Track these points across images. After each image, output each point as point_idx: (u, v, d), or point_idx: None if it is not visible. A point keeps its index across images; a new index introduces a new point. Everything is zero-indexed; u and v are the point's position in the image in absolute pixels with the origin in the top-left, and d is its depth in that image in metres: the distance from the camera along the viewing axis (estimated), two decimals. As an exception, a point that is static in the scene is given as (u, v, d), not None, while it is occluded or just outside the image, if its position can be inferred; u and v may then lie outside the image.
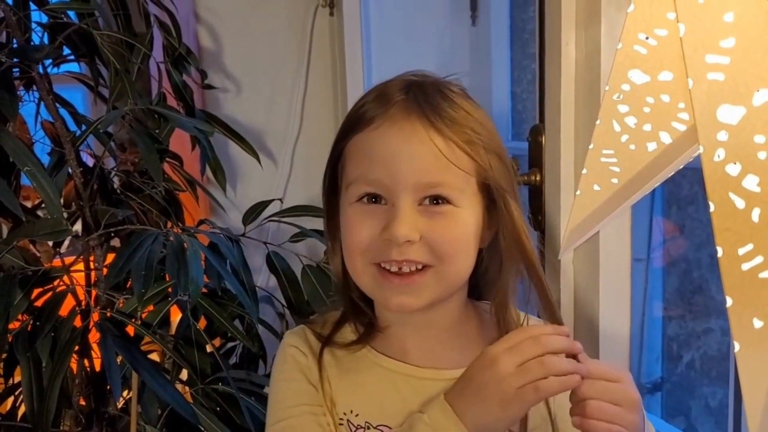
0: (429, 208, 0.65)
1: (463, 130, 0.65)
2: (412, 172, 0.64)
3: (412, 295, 0.66)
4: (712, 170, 0.48)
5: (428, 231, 0.64)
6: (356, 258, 0.67)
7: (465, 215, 0.66)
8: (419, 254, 0.64)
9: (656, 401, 1.83)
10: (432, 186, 0.64)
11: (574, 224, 0.64)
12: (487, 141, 0.66)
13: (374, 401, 0.70)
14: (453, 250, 0.65)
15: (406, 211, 0.64)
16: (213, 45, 1.67)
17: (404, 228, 0.63)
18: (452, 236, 0.65)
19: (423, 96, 0.66)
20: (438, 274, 0.65)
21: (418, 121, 0.64)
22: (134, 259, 0.99)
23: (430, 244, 0.64)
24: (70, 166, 1.14)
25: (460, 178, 0.65)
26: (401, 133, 0.64)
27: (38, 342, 1.02)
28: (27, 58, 1.11)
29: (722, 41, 0.47)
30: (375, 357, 0.72)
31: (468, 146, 0.65)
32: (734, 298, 0.48)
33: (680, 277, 1.82)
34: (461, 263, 0.67)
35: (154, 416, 1.11)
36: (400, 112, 0.65)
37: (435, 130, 0.64)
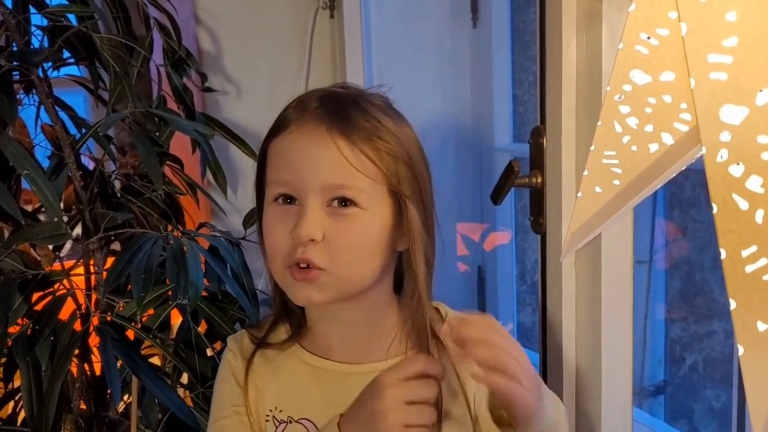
0: (336, 210, 0.68)
1: (369, 138, 0.68)
2: (317, 174, 0.68)
3: (314, 290, 0.69)
4: (715, 171, 0.47)
5: (332, 231, 0.67)
6: (274, 259, 0.71)
7: (370, 218, 0.69)
8: (317, 256, 0.67)
9: (659, 404, 1.83)
10: (337, 188, 0.68)
11: (576, 227, 0.64)
12: (395, 149, 0.70)
13: (297, 396, 0.75)
14: (351, 255, 0.69)
15: (313, 211, 0.67)
16: (213, 48, 1.67)
17: (307, 228, 0.67)
18: (354, 239, 0.68)
19: (335, 106, 0.70)
20: (333, 277, 0.68)
21: (325, 128, 0.68)
22: (134, 262, 0.98)
23: (331, 245, 0.67)
24: (69, 169, 1.13)
25: (366, 182, 0.68)
26: (310, 139, 0.68)
27: (38, 346, 1.01)
28: (26, 62, 1.11)
29: (724, 40, 0.47)
30: (301, 354, 0.76)
31: (373, 153, 0.68)
32: (738, 300, 0.47)
33: (683, 279, 1.82)
34: (359, 267, 0.70)
35: (154, 420, 1.11)
36: (311, 119, 0.69)
37: (341, 136, 0.68)
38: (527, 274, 1.93)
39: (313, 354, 0.76)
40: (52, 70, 1.23)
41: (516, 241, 1.87)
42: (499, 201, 1.05)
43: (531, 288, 1.92)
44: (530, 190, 1.03)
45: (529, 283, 1.93)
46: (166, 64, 1.33)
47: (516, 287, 1.90)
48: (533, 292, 1.76)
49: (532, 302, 1.92)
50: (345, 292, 0.70)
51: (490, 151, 1.81)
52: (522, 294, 1.94)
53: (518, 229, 1.86)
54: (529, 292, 1.94)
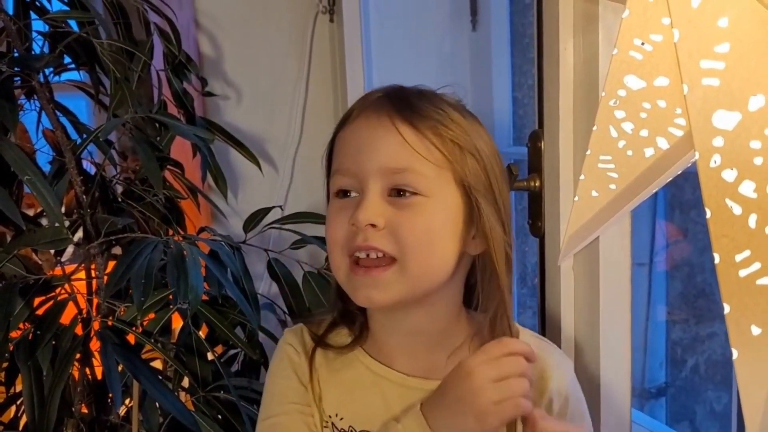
0: (397, 200, 0.65)
1: (433, 124, 0.66)
2: (376, 158, 0.65)
3: (377, 289, 0.65)
4: (708, 176, 0.48)
5: (394, 220, 0.64)
6: (334, 252, 0.67)
7: (434, 206, 0.65)
8: (382, 242, 0.64)
9: (660, 406, 1.83)
10: (397, 171, 0.65)
11: (573, 230, 0.64)
12: (462, 139, 0.66)
13: (359, 406, 0.71)
14: (418, 242, 0.64)
15: (372, 197, 0.65)
16: (213, 52, 1.68)
17: (366, 212, 0.64)
18: (418, 227, 0.64)
19: (397, 95, 0.68)
20: (402, 269, 0.65)
21: (385, 113, 0.66)
22: (134, 267, 0.99)
23: (395, 234, 0.64)
24: (70, 174, 1.14)
25: (429, 167, 0.65)
26: (368, 123, 0.67)
27: (39, 351, 1.02)
28: (27, 67, 1.12)
29: (717, 46, 0.47)
30: (365, 359, 0.72)
31: (436, 138, 0.65)
32: (732, 304, 0.48)
33: (684, 281, 1.81)
34: (427, 258, 0.65)
35: (155, 424, 1.11)
36: (373, 107, 0.67)
37: (402, 120, 0.65)
38: (527, 276, 1.93)
39: (379, 362, 0.71)
40: (53, 75, 1.23)
41: (516, 245, 1.87)
42: (497, 204, 1.05)
43: (531, 291, 1.92)
44: (528, 194, 1.03)
45: (530, 286, 1.93)
46: (166, 69, 1.33)
47: (516, 290, 1.90)
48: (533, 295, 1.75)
49: (533, 305, 1.92)
50: (412, 290, 0.66)
51: (490, 153, 1.81)
52: (522, 297, 1.94)
53: (518, 232, 1.86)
54: (529, 295, 1.94)
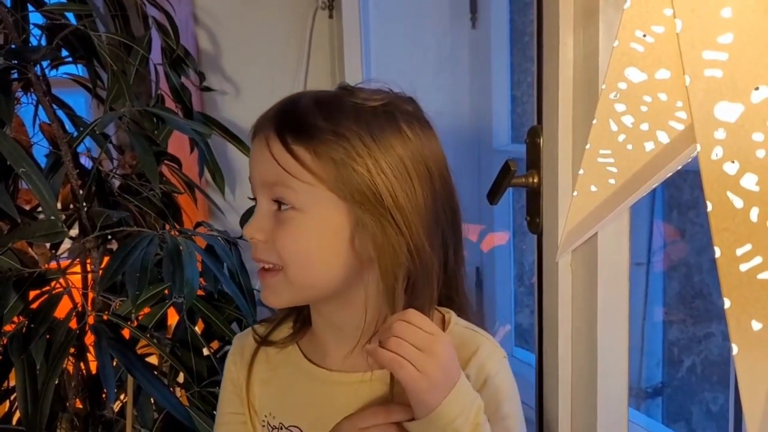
0: (277, 213, 0.68)
1: (310, 140, 0.65)
2: (257, 172, 0.68)
3: (270, 293, 0.70)
4: (710, 169, 0.47)
5: (273, 233, 0.67)
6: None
7: (309, 221, 0.66)
8: (265, 254, 0.68)
9: (657, 406, 1.82)
10: (272, 184, 0.67)
11: (572, 226, 0.64)
12: (345, 155, 0.65)
13: (288, 402, 0.75)
14: (294, 255, 0.67)
15: (259, 210, 0.68)
16: (211, 47, 1.67)
17: (250, 227, 0.68)
18: (292, 241, 0.67)
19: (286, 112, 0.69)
20: (286, 277, 0.68)
21: (265, 130, 0.68)
22: (129, 261, 0.98)
23: (274, 247, 0.67)
24: (66, 168, 1.13)
25: (299, 184, 0.66)
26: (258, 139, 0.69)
27: (33, 344, 1.01)
28: (24, 60, 1.11)
29: (720, 37, 0.47)
30: (297, 359, 0.75)
31: (308, 155, 0.65)
32: (732, 299, 0.47)
33: (681, 281, 1.81)
34: (306, 269, 0.68)
35: (149, 420, 1.10)
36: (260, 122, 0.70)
37: (277, 136, 0.67)
38: (525, 275, 1.93)
39: (309, 360, 0.75)
40: (50, 68, 1.22)
41: (514, 242, 1.87)
42: (495, 201, 1.05)
43: (529, 289, 1.92)
44: (527, 190, 1.03)
45: (527, 285, 1.93)
46: (164, 63, 1.33)
47: (514, 288, 1.90)
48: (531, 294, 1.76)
49: (530, 303, 1.91)
50: (300, 295, 0.70)
51: (488, 151, 1.81)
52: (520, 295, 1.94)
53: (516, 230, 1.86)
54: (526, 294, 1.93)
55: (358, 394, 0.70)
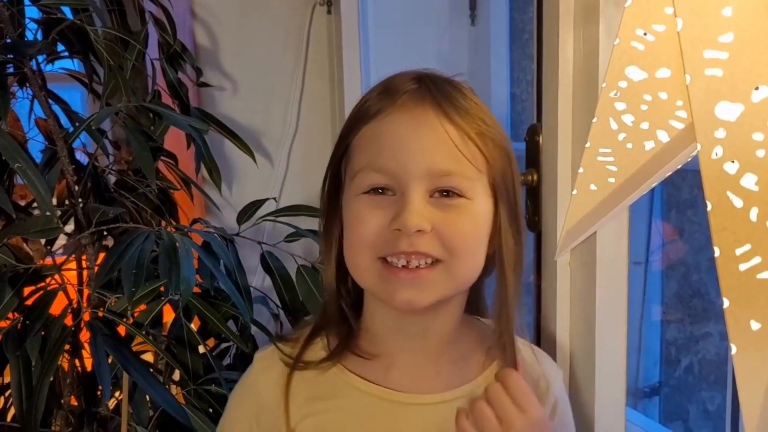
0: (440, 201, 0.62)
1: (475, 122, 0.63)
2: (423, 159, 0.61)
3: (420, 290, 0.62)
4: (710, 168, 0.47)
5: (440, 223, 0.61)
6: (362, 253, 0.63)
7: (477, 209, 0.63)
8: (430, 247, 0.61)
9: (654, 405, 1.82)
10: (444, 174, 0.61)
11: (571, 224, 0.63)
12: (501, 139, 0.65)
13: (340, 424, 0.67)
14: (465, 245, 0.62)
15: (417, 200, 0.61)
16: (209, 42, 1.67)
17: (415, 217, 0.60)
18: (464, 230, 0.62)
19: (435, 86, 0.64)
20: (448, 270, 0.62)
21: (430, 108, 0.62)
22: (125, 257, 0.97)
23: (441, 237, 0.61)
24: (62, 163, 1.13)
25: (473, 171, 0.63)
26: (412, 119, 0.62)
27: (28, 341, 1.00)
28: (20, 54, 1.10)
29: (721, 36, 0.46)
30: (350, 379, 0.68)
31: (479, 139, 0.63)
32: (731, 299, 0.47)
33: (679, 280, 1.81)
34: (471, 260, 0.64)
35: (145, 417, 1.10)
36: (411, 99, 0.62)
37: (447, 118, 0.62)
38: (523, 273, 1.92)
39: (365, 379, 0.67)
40: (46, 63, 1.22)
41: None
42: (494, 199, 1.04)
43: (526, 288, 1.92)
44: (526, 188, 1.02)
45: (525, 283, 1.92)
46: (161, 59, 1.32)
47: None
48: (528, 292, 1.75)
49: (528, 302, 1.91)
50: (453, 291, 0.64)
51: (487, 150, 1.80)
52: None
53: (514, 229, 1.86)
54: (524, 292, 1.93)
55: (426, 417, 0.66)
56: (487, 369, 0.68)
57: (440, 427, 0.65)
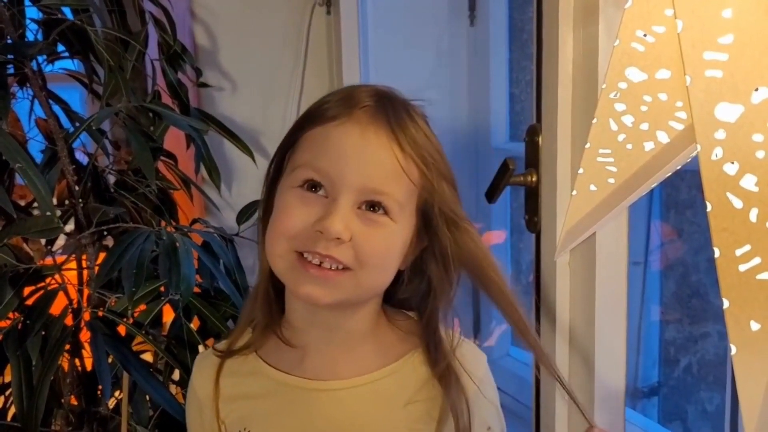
0: (366, 214, 0.65)
1: (421, 151, 0.66)
2: (361, 173, 0.64)
3: (324, 288, 0.65)
4: (710, 169, 0.47)
5: (359, 235, 0.64)
6: (281, 242, 0.66)
7: (397, 231, 0.66)
8: (343, 255, 0.64)
9: (653, 405, 1.83)
10: (376, 193, 0.65)
11: (570, 225, 0.63)
12: (441, 167, 0.68)
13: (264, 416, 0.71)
14: (376, 261, 0.66)
15: (345, 209, 0.64)
16: (209, 43, 1.67)
17: (339, 224, 0.63)
18: (380, 247, 0.66)
19: (392, 108, 0.67)
20: (356, 278, 0.65)
21: (382, 127, 0.65)
22: (125, 257, 0.98)
23: (357, 248, 0.64)
24: (62, 163, 1.13)
25: (405, 194, 0.66)
26: (362, 133, 0.65)
27: (28, 341, 1.01)
28: (20, 54, 1.10)
29: (720, 38, 0.46)
30: (264, 369, 0.72)
31: (424, 167, 0.66)
32: (731, 299, 0.47)
33: (678, 281, 1.81)
34: (380, 276, 0.68)
35: (145, 417, 1.10)
36: (366, 114, 0.66)
37: (396, 142, 0.65)
38: (522, 274, 1.93)
39: (277, 369, 0.71)
40: (47, 63, 1.22)
41: (511, 241, 1.87)
42: (493, 199, 1.04)
43: (526, 288, 1.92)
44: (525, 189, 1.03)
45: (524, 283, 1.92)
46: (161, 59, 1.32)
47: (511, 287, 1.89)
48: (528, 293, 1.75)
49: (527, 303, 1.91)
50: (355, 297, 0.67)
51: (486, 150, 1.80)
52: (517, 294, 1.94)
53: (513, 229, 1.86)
54: (523, 292, 1.93)
55: (340, 402, 0.69)
56: (401, 358, 0.71)
57: (353, 411, 0.69)
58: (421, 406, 0.69)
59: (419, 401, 0.69)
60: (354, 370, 0.70)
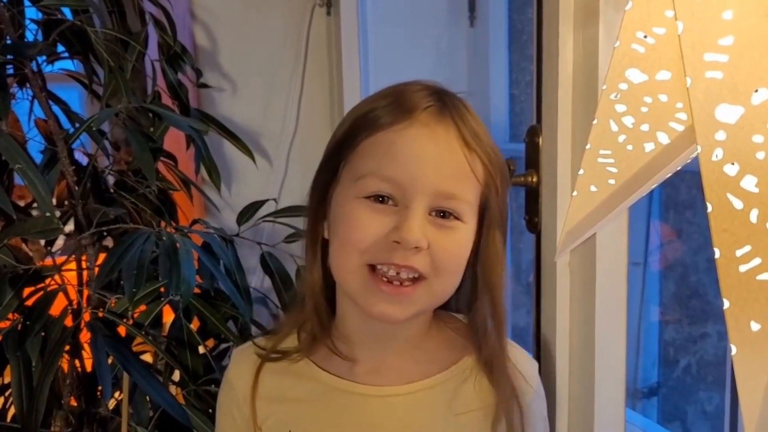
0: (437, 220, 0.63)
1: (485, 148, 0.64)
2: (434, 177, 0.62)
3: (399, 306, 0.63)
4: (710, 170, 0.47)
5: (435, 242, 0.63)
6: (352, 255, 0.63)
7: (468, 233, 0.65)
8: (421, 263, 0.62)
9: (652, 406, 1.83)
10: (449, 197, 0.63)
11: (570, 226, 0.63)
12: (502, 167, 0.67)
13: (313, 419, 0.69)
14: (452, 266, 0.65)
15: (420, 215, 0.62)
16: (209, 44, 1.67)
17: (417, 232, 0.61)
18: (455, 252, 0.64)
19: (454, 106, 0.65)
20: (429, 288, 0.64)
21: (452, 129, 0.63)
22: (125, 258, 0.98)
23: (434, 256, 0.63)
24: (62, 164, 1.13)
25: (474, 193, 0.64)
26: (432, 136, 0.63)
27: (28, 341, 1.00)
28: (20, 55, 1.10)
29: (721, 39, 0.46)
30: (316, 373, 0.70)
31: (490, 167, 0.65)
32: (731, 300, 0.47)
33: (677, 281, 1.81)
34: (453, 279, 0.66)
35: (145, 417, 1.10)
36: (431, 116, 0.63)
37: (464, 142, 0.63)
38: (522, 274, 1.93)
39: (330, 373, 0.70)
40: (47, 64, 1.22)
41: (511, 242, 1.87)
42: (493, 200, 1.04)
43: (525, 288, 1.92)
44: (525, 190, 1.03)
45: (524, 284, 1.93)
46: (161, 60, 1.32)
47: (510, 288, 1.90)
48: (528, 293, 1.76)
49: (527, 303, 1.91)
50: (429, 307, 0.66)
51: (486, 150, 1.80)
52: (517, 295, 1.94)
53: (513, 230, 1.86)
54: (523, 293, 1.93)
55: (393, 409, 0.67)
56: (454, 365, 0.70)
57: (405, 419, 0.67)
58: (474, 415, 0.68)
59: (473, 410, 0.68)
60: (407, 376, 0.69)
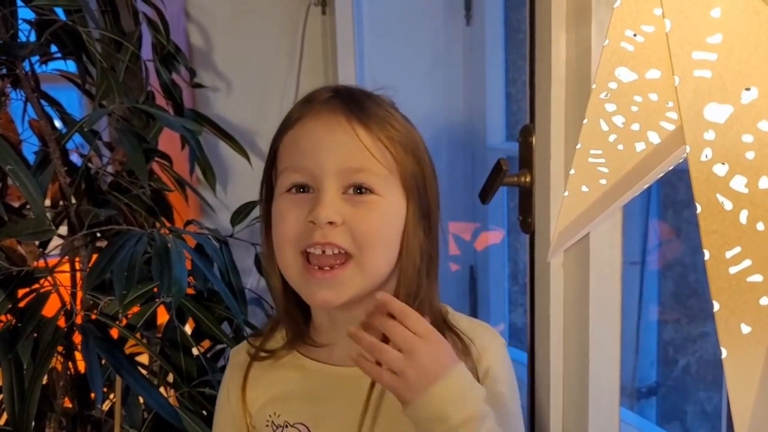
0: (353, 197, 0.68)
1: (384, 126, 0.69)
2: (335, 158, 0.67)
3: (333, 290, 0.67)
4: (699, 171, 0.46)
5: (351, 218, 0.67)
6: (286, 248, 0.69)
7: (387, 205, 0.68)
8: (341, 239, 0.66)
9: (651, 406, 1.82)
10: (354, 171, 0.67)
11: (563, 226, 0.63)
12: (406, 141, 0.70)
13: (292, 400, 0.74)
14: (374, 239, 0.68)
15: (330, 195, 0.67)
16: (203, 43, 1.66)
17: (326, 209, 0.66)
18: (374, 224, 0.68)
19: (348, 95, 0.70)
20: (359, 265, 0.67)
21: (342, 114, 0.68)
22: (116, 259, 0.97)
23: (352, 230, 0.67)
24: (55, 165, 1.12)
25: (382, 170, 0.68)
26: (326, 124, 0.68)
27: (20, 343, 1.00)
28: (12, 55, 1.10)
29: (709, 37, 0.46)
30: (299, 360, 0.75)
31: (388, 141, 0.69)
32: (721, 302, 0.46)
33: (676, 280, 1.81)
34: (381, 254, 0.69)
35: (138, 420, 1.10)
36: (325, 108, 0.69)
37: (358, 122, 0.68)
38: (519, 274, 1.92)
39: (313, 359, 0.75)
40: (40, 64, 1.21)
41: (508, 241, 1.86)
42: (487, 200, 1.04)
43: (523, 288, 1.91)
44: (519, 189, 1.02)
45: (521, 283, 1.92)
46: (154, 60, 1.32)
47: (508, 287, 1.89)
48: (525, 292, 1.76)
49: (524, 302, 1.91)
50: (366, 286, 0.69)
51: (482, 150, 1.80)
52: (514, 294, 1.94)
53: (510, 229, 1.85)
54: (520, 292, 1.93)
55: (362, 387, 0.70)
56: None
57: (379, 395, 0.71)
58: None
59: None
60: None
